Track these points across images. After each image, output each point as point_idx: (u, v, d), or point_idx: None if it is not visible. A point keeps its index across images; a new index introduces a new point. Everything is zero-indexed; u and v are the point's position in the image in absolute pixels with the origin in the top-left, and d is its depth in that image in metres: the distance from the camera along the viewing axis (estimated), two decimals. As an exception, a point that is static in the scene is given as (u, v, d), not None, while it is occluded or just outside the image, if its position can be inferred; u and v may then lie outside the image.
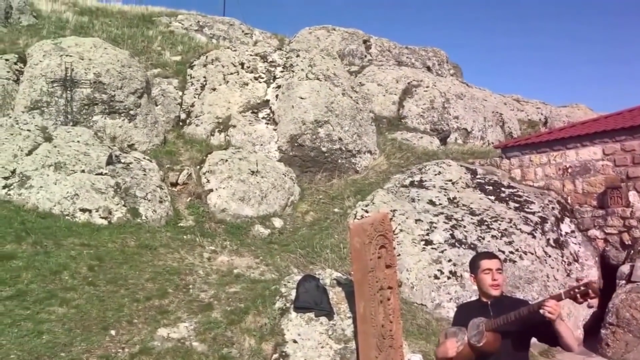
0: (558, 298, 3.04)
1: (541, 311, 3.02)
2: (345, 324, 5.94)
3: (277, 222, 10.61)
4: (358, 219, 10.26)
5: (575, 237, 10.99)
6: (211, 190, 10.53)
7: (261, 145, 12.34)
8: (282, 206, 11.06)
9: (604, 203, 10.88)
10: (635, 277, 9.77)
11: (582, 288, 2.97)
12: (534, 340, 3.38)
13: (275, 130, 12.60)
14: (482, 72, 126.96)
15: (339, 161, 12.77)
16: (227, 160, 11.02)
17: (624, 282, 9.94)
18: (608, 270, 10.57)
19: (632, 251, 10.31)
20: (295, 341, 5.66)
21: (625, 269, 10.11)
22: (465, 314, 3.45)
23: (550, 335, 3.16)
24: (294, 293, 6.04)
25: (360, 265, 5.77)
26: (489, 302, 3.36)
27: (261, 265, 8.56)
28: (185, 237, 8.99)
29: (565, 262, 10.35)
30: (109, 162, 9.73)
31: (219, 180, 10.64)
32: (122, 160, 10.09)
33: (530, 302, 3.44)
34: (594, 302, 9.47)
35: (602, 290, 10.58)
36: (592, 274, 10.58)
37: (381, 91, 17.11)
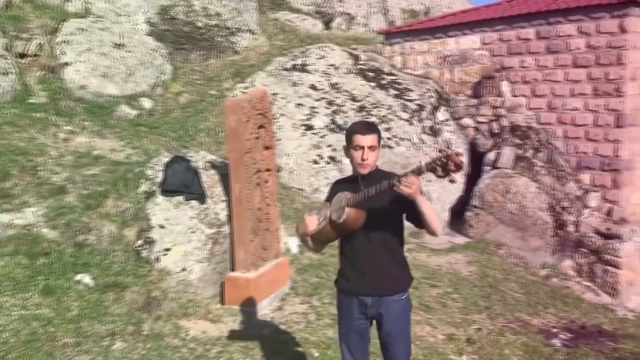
0: (419, 171, 2.69)
1: (396, 188, 2.71)
2: (218, 207, 5.54)
3: (146, 103, 9.66)
4: (236, 101, 9.64)
5: (449, 125, 11.26)
6: (67, 64, 9.21)
7: (127, 16, 10.94)
8: (151, 85, 10.05)
9: (478, 93, 11.13)
10: (500, 164, 10.29)
11: (443, 160, 2.60)
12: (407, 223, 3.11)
13: (143, -1, 11.18)
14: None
15: (217, 39, 11.78)
16: (86, 30, 9.64)
17: (489, 168, 10.45)
18: (476, 157, 11.04)
19: (499, 139, 10.78)
20: (162, 226, 5.18)
21: (491, 155, 10.59)
22: (337, 189, 3.11)
23: (415, 215, 2.88)
24: (161, 176, 5.47)
25: (236, 146, 5.30)
26: (360, 177, 3.01)
27: (127, 148, 7.78)
28: (36, 115, 7.86)
29: (438, 148, 10.62)
30: None
31: (76, 53, 9.31)
32: (-48, 23, 8.41)
33: (397, 176, 3.17)
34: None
35: (469, 176, 11.12)
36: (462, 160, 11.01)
37: (263, -35, 15.80)
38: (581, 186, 9.58)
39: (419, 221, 2.92)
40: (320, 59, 11.63)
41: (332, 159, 9.22)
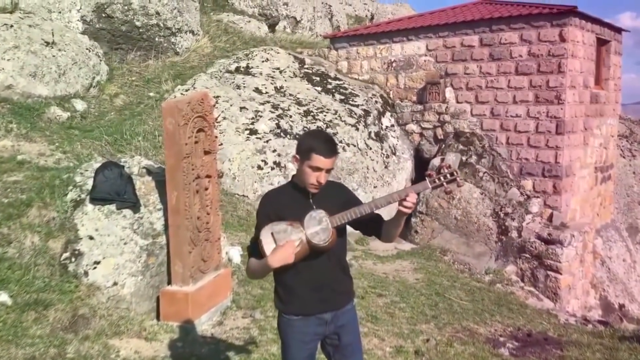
0: (423, 188, 2.64)
1: (401, 208, 2.62)
2: (154, 216, 5.17)
3: (79, 105, 9.13)
4: (176, 104, 9.23)
5: (394, 131, 11.24)
6: (-9, 62, 8.57)
7: (59, 12, 10.34)
8: (85, 86, 9.52)
9: (422, 98, 11.15)
10: (444, 170, 10.31)
11: (448, 176, 2.59)
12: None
13: (77, -4, 10.59)
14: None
15: (157, 39, 11.32)
16: (12, 27, 9.00)
17: (434, 174, 10.44)
18: (421, 163, 11.05)
19: (443, 145, 10.84)
20: (91, 237, 4.78)
21: (436, 161, 10.62)
22: (281, 204, 2.77)
23: (374, 227, 2.83)
24: (91, 182, 5.06)
25: (173, 150, 4.97)
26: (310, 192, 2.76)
27: (57, 152, 7.27)
28: (-46, 116, 7.24)
29: (383, 154, 10.57)
30: None
31: (2, 50, 8.68)
32: None
33: (346, 187, 2.99)
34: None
35: (414, 181, 11.12)
36: (407, 166, 11.00)
37: (206, -35, 15.39)
38: (523, 192, 9.71)
39: (374, 231, 2.86)
40: (265, 61, 11.38)
41: (277, 164, 8.96)
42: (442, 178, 2.62)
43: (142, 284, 4.94)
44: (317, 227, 2.65)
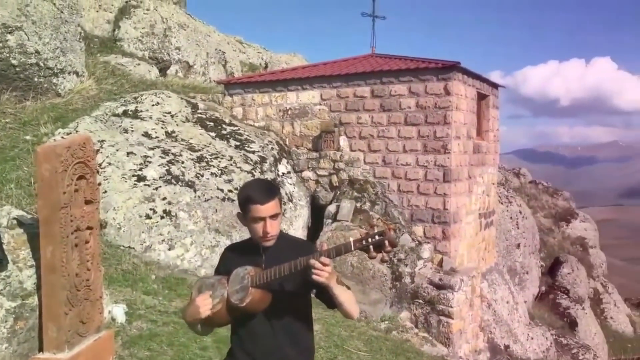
0: (346, 249, 2.29)
1: (314, 277, 2.30)
2: (24, 274, 4.58)
3: (-59, 147, 8.17)
4: (55, 148, 8.54)
5: (290, 178, 11.18)
6: None
7: None
8: (-51, 127, 8.57)
9: (318, 146, 11.25)
10: (340, 216, 10.37)
11: (377, 237, 2.22)
12: None
13: (-57, 29, 9.65)
14: (205, 8, 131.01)
15: (36, 79, 10.52)
16: None
17: (330, 220, 10.48)
18: (317, 209, 11.05)
19: (338, 192, 10.93)
20: (-56, 302, 4.12)
21: (332, 208, 10.67)
22: (232, 259, 2.58)
23: (327, 298, 2.48)
24: (-52, 236, 4.40)
25: (50, 200, 4.46)
26: (262, 247, 2.53)
27: None
28: None
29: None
30: None
31: None
32: None
33: (312, 247, 2.66)
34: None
35: (310, 227, 11.06)
36: (304, 213, 10.94)
37: (93, 5, 14.82)
38: (414, 238, 9.96)
39: (330, 303, 2.51)
40: (155, 105, 10.95)
41: (167, 213, 8.49)
42: (369, 239, 2.23)
43: (8, 352, 4.30)
44: (238, 285, 2.43)
